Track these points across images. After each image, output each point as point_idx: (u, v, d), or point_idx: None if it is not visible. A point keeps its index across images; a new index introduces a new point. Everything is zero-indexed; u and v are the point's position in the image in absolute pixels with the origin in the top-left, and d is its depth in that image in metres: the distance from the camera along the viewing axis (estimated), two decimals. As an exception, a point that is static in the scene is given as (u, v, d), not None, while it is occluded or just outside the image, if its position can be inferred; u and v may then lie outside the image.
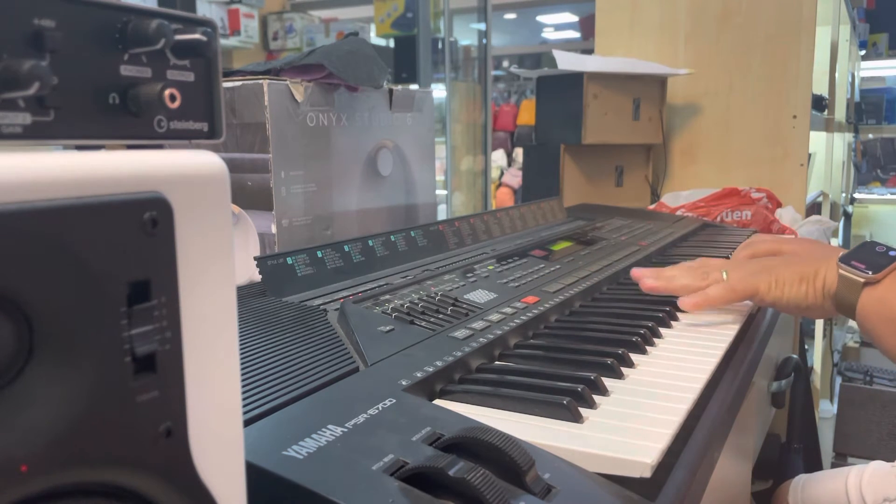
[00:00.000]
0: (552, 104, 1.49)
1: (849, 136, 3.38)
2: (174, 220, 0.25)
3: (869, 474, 0.83)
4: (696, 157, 1.72)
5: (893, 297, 0.63)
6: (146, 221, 0.24)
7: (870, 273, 0.65)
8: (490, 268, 0.80)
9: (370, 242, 0.78)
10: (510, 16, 6.80)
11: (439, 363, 0.52)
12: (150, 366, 0.24)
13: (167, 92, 0.30)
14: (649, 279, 0.75)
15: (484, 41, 3.85)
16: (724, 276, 0.72)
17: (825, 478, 0.89)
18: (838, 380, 2.67)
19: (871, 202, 4.15)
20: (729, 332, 0.68)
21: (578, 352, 0.59)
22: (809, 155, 1.72)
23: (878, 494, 0.80)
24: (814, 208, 2.22)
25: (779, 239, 0.96)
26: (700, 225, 1.31)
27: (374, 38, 3.56)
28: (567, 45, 6.06)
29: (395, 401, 0.45)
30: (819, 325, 2.40)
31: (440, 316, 0.63)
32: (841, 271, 0.66)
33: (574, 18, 6.56)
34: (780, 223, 1.41)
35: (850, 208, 3.51)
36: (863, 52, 4.00)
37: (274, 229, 0.85)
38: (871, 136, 4.47)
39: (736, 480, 0.75)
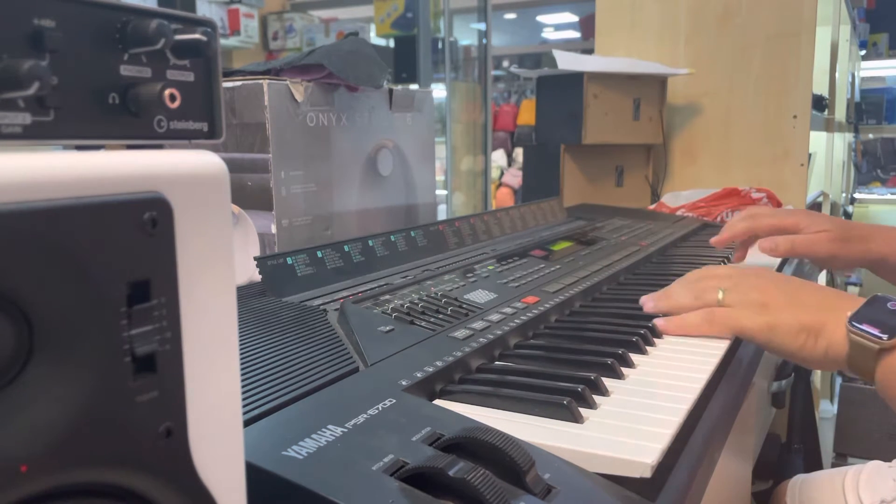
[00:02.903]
0: (552, 104, 1.49)
1: (849, 136, 3.38)
2: (174, 220, 0.25)
3: (866, 475, 0.82)
4: (696, 157, 1.72)
5: None
6: (146, 221, 0.24)
7: (885, 338, 0.59)
8: (490, 268, 0.80)
9: (370, 242, 0.78)
10: (510, 16, 6.80)
11: (439, 363, 0.52)
12: (150, 366, 0.24)
13: (167, 92, 0.30)
14: (651, 301, 0.71)
15: (484, 41, 3.85)
16: (720, 295, 0.67)
17: (823, 478, 0.89)
18: (838, 380, 2.67)
19: (872, 202, 4.15)
20: (729, 332, 0.67)
21: (578, 352, 0.59)
22: (809, 155, 1.72)
23: (876, 495, 0.80)
24: (814, 208, 2.21)
25: (778, 214, 0.96)
26: (700, 225, 1.31)
27: (374, 38, 3.56)
28: (567, 45, 6.07)
29: (395, 401, 0.45)
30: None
31: (440, 316, 0.63)
32: (852, 336, 0.60)
33: (574, 18, 6.57)
34: (780, 223, 1.41)
35: (850, 208, 3.52)
36: (863, 52, 4.00)
37: (274, 229, 0.85)
38: (871, 136, 4.47)
39: (736, 480, 0.75)
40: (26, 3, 0.27)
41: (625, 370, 0.56)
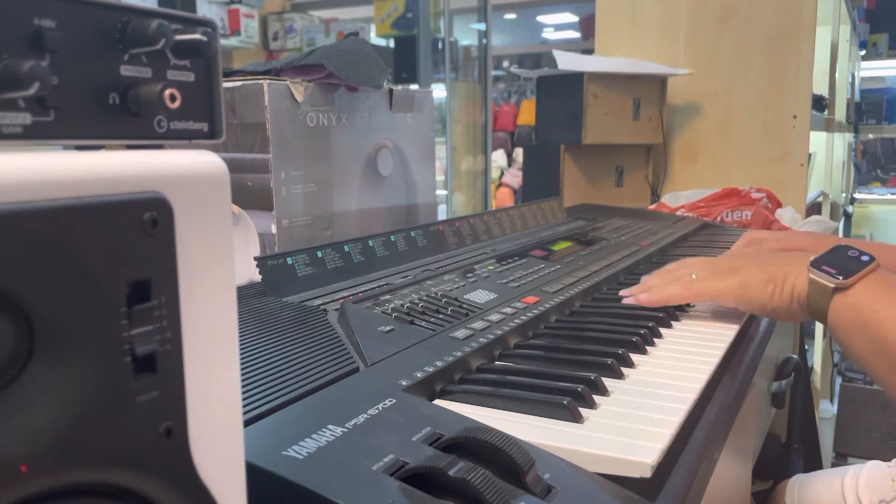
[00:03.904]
0: (552, 104, 1.49)
1: (849, 136, 3.38)
2: (174, 220, 0.25)
3: (866, 475, 0.82)
4: (696, 157, 1.72)
5: (864, 302, 0.62)
6: (146, 221, 0.24)
7: (840, 279, 0.63)
8: (490, 268, 0.80)
9: (370, 242, 0.78)
10: (510, 16, 6.80)
11: (439, 363, 0.52)
12: (150, 366, 0.24)
13: (167, 92, 0.30)
14: (628, 292, 0.75)
15: (484, 41, 3.85)
16: (693, 275, 0.72)
17: (822, 478, 0.89)
18: (838, 380, 2.67)
19: (872, 202, 4.15)
20: (729, 332, 0.68)
21: (578, 352, 0.59)
22: (809, 155, 1.72)
23: (875, 496, 0.80)
24: (814, 208, 2.22)
25: (783, 240, 0.95)
26: (700, 225, 1.31)
27: (374, 38, 3.56)
28: (567, 45, 6.07)
29: (395, 401, 0.45)
30: (819, 325, 2.40)
31: (440, 316, 0.63)
32: (811, 276, 0.65)
33: (574, 18, 6.56)
34: (781, 223, 1.41)
35: (850, 208, 3.51)
36: (863, 52, 3.99)
37: (274, 229, 0.85)
38: (871, 136, 4.47)
39: (736, 480, 0.75)
40: (26, 3, 0.27)
41: (625, 370, 0.56)
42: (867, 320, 0.61)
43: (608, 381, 0.52)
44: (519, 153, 5.22)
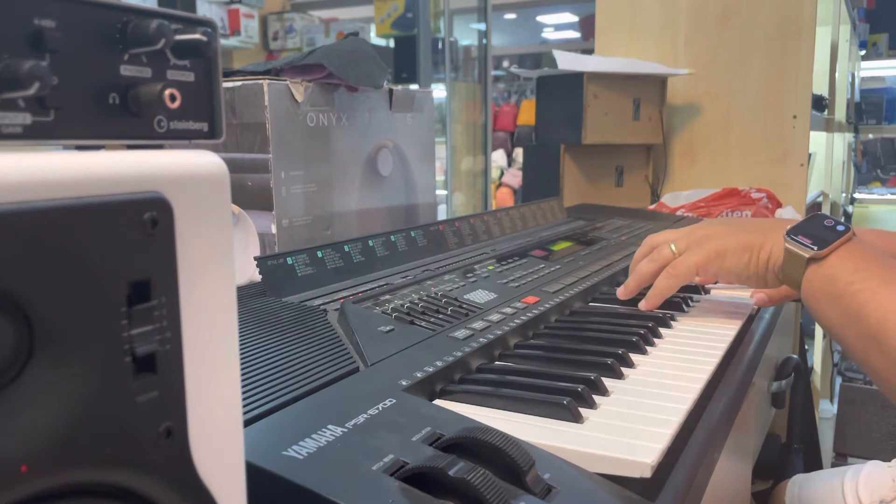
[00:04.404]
0: (552, 104, 1.49)
1: (849, 136, 3.38)
2: (174, 220, 0.25)
3: (866, 475, 0.82)
4: (696, 157, 1.72)
5: (838, 274, 0.61)
6: (146, 221, 0.24)
7: (815, 248, 0.63)
8: (490, 268, 0.80)
9: (370, 242, 0.78)
10: (510, 16, 6.80)
11: (439, 363, 0.52)
12: (150, 366, 0.24)
13: (167, 92, 0.30)
14: (622, 287, 0.76)
15: (484, 41, 3.84)
16: (673, 248, 0.73)
17: (821, 478, 0.89)
18: (838, 380, 2.67)
19: (872, 202, 4.15)
20: (729, 332, 0.68)
21: (578, 352, 0.59)
22: (809, 155, 1.72)
23: (875, 495, 0.80)
24: (814, 208, 2.21)
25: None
26: (700, 225, 1.31)
27: (374, 38, 3.56)
28: (567, 45, 6.07)
29: (395, 401, 0.45)
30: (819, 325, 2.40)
31: (440, 316, 0.63)
32: (787, 245, 0.65)
33: (574, 18, 6.57)
34: (780, 223, 1.40)
35: (850, 208, 3.51)
36: (863, 52, 3.99)
37: (274, 229, 0.85)
38: (871, 136, 4.46)
39: (736, 480, 0.75)
40: (26, 3, 0.26)
41: (625, 370, 0.56)
42: (840, 291, 0.61)
43: (608, 381, 0.52)
44: (519, 153, 5.22)
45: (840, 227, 0.65)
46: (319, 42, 3.88)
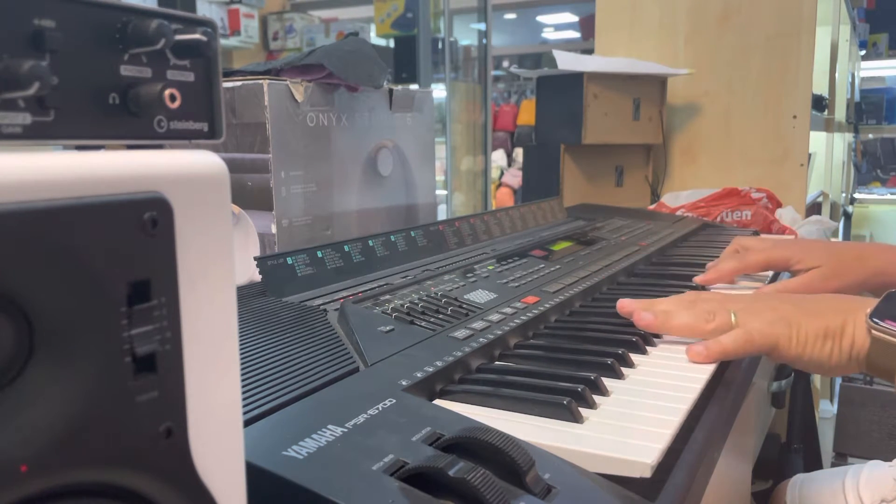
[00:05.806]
0: (552, 104, 1.49)
1: (849, 136, 3.38)
2: (174, 220, 0.25)
3: (867, 474, 0.82)
4: (696, 157, 1.72)
5: None
6: (146, 221, 0.24)
7: None
8: (490, 268, 0.80)
9: (370, 242, 0.78)
10: (510, 16, 6.80)
11: (439, 363, 0.52)
12: (150, 366, 0.24)
13: (167, 92, 0.30)
14: (644, 313, 0.65)
15: (484, 41, 3.85)
16: (733, 318, 0.62)
17: (822, 478, 0.89)
18: (838, 380, 2.67)
19: (872, 202, 4.15)
20: (729, 332, 0.67)
21: (578, 352, 0.59)
22: (809, 155, 1.72)
23: (876, 495, 0.80)
24: (814, 208, 2.21)
25: (768, 248, 0.88)
26: (700, 225, 1.31)
27: (374, 38, 3.56)
28: (567, 45, 6.07)
29: (395, 401, 0.45)
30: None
31: (440, 316, 0.63)
32: (874, 332, 0.57)
33: (574, 18, 6.57)
34: (780, 223, 1.41)
35: (850, 208, 3.51)
36: (863, 52, 3.99)
37: (274, 229, 0.85)
38: (871, 136, 4.47)
39: (736, 480, 0.75)
40: (26, 3, 0.27)
41: (625, 370, 0.56)
42: None
43: (608, 381, 0.52)
44: (519, 153, 5.22)
45: None
46: (319, 42, 3.88)
